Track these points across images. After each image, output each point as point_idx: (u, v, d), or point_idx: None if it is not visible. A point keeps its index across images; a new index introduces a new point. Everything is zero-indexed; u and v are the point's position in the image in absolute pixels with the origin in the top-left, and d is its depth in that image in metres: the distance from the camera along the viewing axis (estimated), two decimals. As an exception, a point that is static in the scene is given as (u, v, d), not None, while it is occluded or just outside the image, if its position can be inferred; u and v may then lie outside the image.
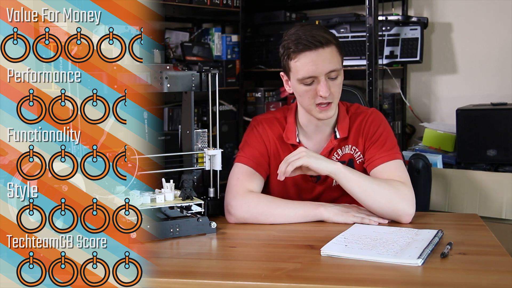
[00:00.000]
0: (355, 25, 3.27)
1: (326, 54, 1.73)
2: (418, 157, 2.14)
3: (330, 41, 1.74)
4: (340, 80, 1.78)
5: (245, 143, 1.88)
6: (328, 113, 1.78)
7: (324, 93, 1.73)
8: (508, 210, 2.67)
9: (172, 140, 2.57)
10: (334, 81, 1.76)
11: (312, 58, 1.72)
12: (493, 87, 3.25)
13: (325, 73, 1.73)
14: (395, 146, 1.83)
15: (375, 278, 1.32)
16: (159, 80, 1.60)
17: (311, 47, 1.72)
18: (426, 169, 2.07)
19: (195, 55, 3.36)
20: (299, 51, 1.73)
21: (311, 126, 1.86)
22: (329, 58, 1.73)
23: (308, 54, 1.73)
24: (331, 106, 1.77)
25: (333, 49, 1.75)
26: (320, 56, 1.72)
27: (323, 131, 1.87)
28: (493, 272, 1.33)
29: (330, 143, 1.85)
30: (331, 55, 1.74)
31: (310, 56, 1.73)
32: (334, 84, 1.76)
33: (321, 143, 1.87)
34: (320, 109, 1.77)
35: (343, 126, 1.86)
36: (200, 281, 1.32)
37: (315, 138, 1.87)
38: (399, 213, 1.68)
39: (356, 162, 1.86)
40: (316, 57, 1.72)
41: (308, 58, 1.73)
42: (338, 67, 1.75)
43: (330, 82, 1.75)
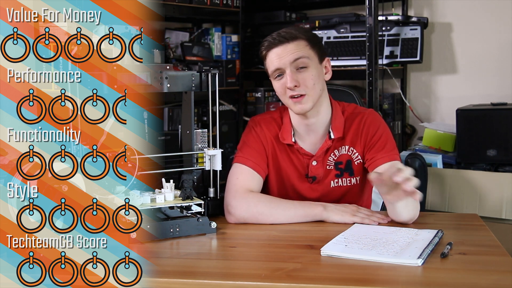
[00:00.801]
0: (355, 25, 3.27)
1: (291, 46, 1.78)
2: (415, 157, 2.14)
3: (297, 36, 1.79)
4: (313, 73, 1.78)
5: (244, 144, 1.88)
6: (302, 105, 1.78)
7: (289, 83, 1.76)
8: (508, 210, 2.67)
9: (172, 140, 2.57)
10: (303, 73, 1.77)
11: (277, 52, 1.78)
12: (493, 87, 3.25)
13: (289, 63, 1.76)
14: (394, 147, 1.84)
15: (375, 278, 1.32)
16: (159, 80, 1.60)
17: (276, 43, 1.78)
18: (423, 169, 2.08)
19: (195, 55, 3.36)
20: (267, 48, 1.81)
21: (302, 127, 1.87)
22: (293, 49, 1.77)
23: (274, 50, 1.79)
24: (305, 98, 1.78)
25: (301, 42, 1.78)
26: (285, 49, 1.78)
27: (316, 131, 1.87)
28: (493, 272, 1.33)
29: (325, 144, 1.85)
30: (296, 47, 1.78)
31: (276, 51, 1.78)
32: (304, 76, 1.77)
33: (316, 144, 1.87)
34: (294, 101, 1.78)
35: (337, 126, 1.86)
36: (200, 281, 1.32)
37: (309, 138, 1.88)
38: (413, 218, 1.70)
39: (354, 163, 1.86)
40: (280, 51, 1.78)
41: (274, 53, 1.79)
42: (304, 55, 1.77)
43: (298, 74, 1.77)
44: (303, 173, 1.87)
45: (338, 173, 1.86)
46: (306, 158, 1.87)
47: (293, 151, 1.88)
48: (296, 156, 1.87)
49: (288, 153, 1.88)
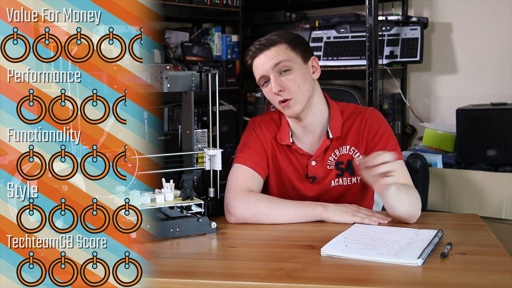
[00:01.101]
0: (355, 25, 3.27)
1: (271, 52, 1.79)
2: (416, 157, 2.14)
3: (276, 41, 1.80)
4: (296, 75, 1.78)
5: (243, 145, 1.89)
6: (291, 109, 1.79)
7: (274, 88, 1.77)
8: (508, 210, 2.67)
9: (172, 140, 2.57)
10: (287, 77, 1.78)
11: (260, 60, 1.80)
12: (493, 87, 3.25)
13: (271, 68, 1.77)
14: (397, 146, 1.84)
15: (375, 278, 1.32)
16: (159, 80, 1.60)
17: (258, 52, 1.80)
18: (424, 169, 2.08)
19: (195, 55, 3.36)
20: (251, 59, 1.83)
21: (299, 128, 1.87)
22: (273, 55, 1.78)
23: (257, 58, 1.81)
24: (291, 102, 1.78)
25: (281, 46, 1.79)
26: (266, 55, 1.79)
27: (313, 132, 1.87)
28: (493, 272, 1.33)
29: (324, 143, 1.85)
30: (276, 52, 1.78)
31: (259, 59, 1.80)
32: (288, 79, 1.77)
33: (314, 144, 1.87)
34: (283, 106, 1.79)
35: (335, 125, 1.85)
36: (200, 281, 1.32)
37: (307, 139, 1.88)
38: (414, 217, 1.70)
39: (355, 162, 1.86)
40: (263, 58, 1.80)
41: (258, 61, 1.81)
42: (284, 59, 1.77)
43: (282, 77, 1.78)
44: (302, 173, 1.87)
45: (339, 172, 1.87)
46: (305, 158, 1.87)
47: (292, 152, 1.88)
48: (295, 157, 1.87)
49: (287, 153, 1.88)
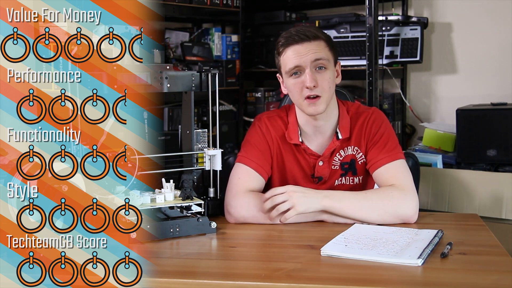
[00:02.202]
0: (355, 25, 3.27)
1: (312, 46, 1.76)
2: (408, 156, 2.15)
3: (318, 36, 1.78)
4: (330, 75, 1.78)
5: (247, 142, 1.88)
6: (316, 107, 1.77)
7: (309, 82, 1.74)
8: (508, 210, 2.67)
9: (172, 140, 2.57)
10: (322, 74, 1.77)
11: (298, 50, 1.76)
12: (493, 87, 3.25)
13: (310, 62, 1.75)
14: (396, 146, 1.83)
15: (375, 278, 1.32)
16: (159, 80, 1.60)
17: (297, 40, 1.77)
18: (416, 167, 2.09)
19: (195, 55, 3.36)
20: (286, 44, 1.78)
21: (310, 127, 1.86)
22: (314, 49, 1.76)
23: (294, 47, 1.77)
24: (320, 100, 1.77)
25: (321, 43, 1.78)
26: (306, 48, 1.76)
27: (324, 132, 1.86)
28: (493, 272, 1.33)
29: (332, 144, 1.85)
30: (317, 47, 1.77)
31: (296, 49, 1.77)
32: (322, 77, 1.76)
33: (322, 144, 1.87)
34: (309, 102, 1.77)
35: (344, 127, 1.85)
36: (200, 281, 1.32)
37: (316, 139, 1.87)
38: (402, 218, 1.69)
39: (358, 162, 1.86)
40: (301, 49, 1.76)
41: (294, 50, 1.77)
42: (324, 57, 1.77)
43: (317, 74, 1.76)
44: (309, 173, 1.87)
45: (343, 172, 1.87)
46: (313, 158, 1.86)
47: (300, 151, 1.87)
48: (303, 156, 1.87)
49: (294, 152, 1.87)
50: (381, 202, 1.68)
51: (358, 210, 1.68)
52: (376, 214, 1.67)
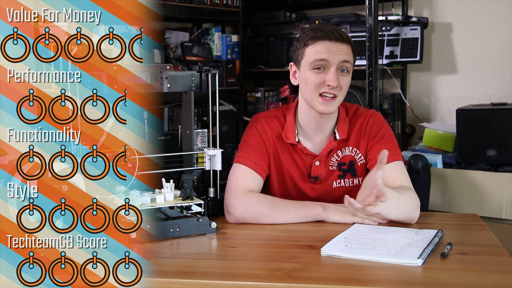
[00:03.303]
0: (355, 25, 3.27)
1: (342, 47, 1.77)
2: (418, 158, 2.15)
3: (349, 40, 1.80)
4: (349, 79, 1.80)
5: (244, 143, 1.88)
6: (329, 107, 1.78)
7: (334, 81, 1.75)
8: (508, 210, 2.66)
9: (172, 140, 2.57)
10: (344, 77, 1.78)
11: (329, 46, 1.77)
12: (493, 87, 3.25)
13: (338, 62, 1.76)
14: (397, 148, 1.84)
15: (375, 278, 1.32)
16: (159, 80, 1.60)
17: (331, 36, 1.77)
18: (426, 170, 2.08)
19: (195, 55, 3.36)
20: (318, 37, 1.77)
21: (312, 125, 1.86)
22: (345, 51, 1.77)
23: (326, 42, 1.77)
24: (334, 101, 1.78)
25: (349, 48, 1.80)
26: (337, 47, 1.77)
27: (323, 131, 1.86)
28: (493, 272, 1.33)
29: (330, 144, 1.85)
30: (347, 50, 1.78)
31: (327, 45, 1.77)
32: (344, 80, 1.78)
33: (320, 144, 1.87)
34: (323, 100, 1.77)
35: (343, 127, 1.86)
36: (200, 281, 1.32)
37: (315, 138, 1.87)
38: (411, 219, 1.71)
39: (357, 164, 1.86)
40: (333, 47, 1.77)
41: (325, 45, 1.77)
42: (351, 61, 1.79)
43: (340, 76, 1.77)
44: (305, 173, 1.87)
45: (341, 173, 1.87)
46: (309, 158, 1.87)
47: (296, 151, 1.87)
48: (299, 156, 1.87)
49: (291, 152, 1.88)
50: (408, 205, 1.70)
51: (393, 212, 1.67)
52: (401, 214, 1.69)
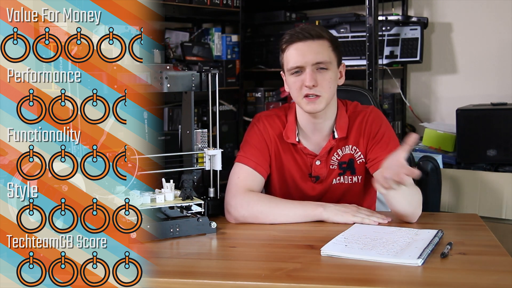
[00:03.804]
0: (355, 25, 3.27)
1: (314, 45, 1.77)
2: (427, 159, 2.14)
3: (322, 35, 1.78)
4: (332, 75, 1.78)
5: (246, 142, 1.88)
6: (315, 106, 1.77)
7: (308, 82, 1.75)
8: (508, 210, 2.67)
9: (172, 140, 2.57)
10: (323, 74, 1.77)
11: (301, 48, 1.77)
12: (493, 87, 3.25)
13: (311, 64, 1.75)
14: (398, 145, 1.81)
15: (375, 278, 1.32)
16: (159, 80, 1.60)
17: (301, 38, 1.77)
18: (435, 171, 2.09)
19: (195, 55, 3.36)
20: (290, 42, 1.79)
21: (309, 126, 1.86)
22: (317, 49, 1.76)
23: (298, 44, 1.77)
24: (319, 99, 1.77)
25: (325, 43, 1.78)
26: (309, 47, 1.76)
27: (322, 131, 1.86)
28: (493, 272, 1.33)
29: (329, 143, 1.85)
30: (320, 48, 1.77)
31: (299, 47, 1.77)
32: (323, 78, 1.77)
33: (320, 143, 1.87)
34: (308, 100, 1.77)
35: (341, 126, 1.85)
36: (200, 281, 1.32)
37: (314, 138, 1.87)
38: (415, 216, 1.71)
39: (356, 162, 1.86)
40: (304, 47, 1.77)
41: (297, 48, 1.77)
42: (326, 59, 1.77)
43: (318, 74, 1.76)
44: (306, 172, 1.87)
45: (341, 172, 1.87)
46: (310, 157, 1.87)
47: (297, 151, 1.87)
48: (300, 156, 1.87)
49: (291, 152, 1.88)
50: (416, 199, 1.71)
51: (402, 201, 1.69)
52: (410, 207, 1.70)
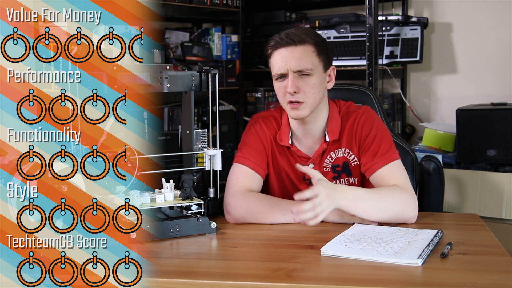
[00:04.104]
0: (355, 25, 3.27)
1: (297, 51, 1.74)
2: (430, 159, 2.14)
3: (305, 40, 1.75)
4: (315, 81, 1.75)
5: (243, 143, 1.88)
6: (298, 112, 1.76)
7: (289, 88, 1.73)
8: (508, 210, 2.67)
9: (172, 140, 2.57)
10: (305, 80, 1.75)
11: (283, 54, 1.75)
12: (493, 87, 3.25)
13: (292, 70, 1.74)
14: (390, 147, 1.80)
15: (375, 278, 1.32)
16: (159, 80, 1.60)
17: (284, 44, 1.75)
18: (438, 171, 2.08)
19: (195, 55, 3.36)
20: (274, 48, 1.78)
21: (300, 130, 1.85)
22: (299, 56, 1.74)
23: (280, 50, 1.76)
24: (302, 105, 1.75)
25: (308, 48, 1.75)
26: (291, 53, 1.75)
27: (313, 134, 1.85)
28: (493, 272, 1.33)
29: (321, 147, 1.84)
30: (303, 54, 1.74)
31: (282, 53, 1.76)
32: (306, 83, 1.75)
33: (312, 146, 1.87)
34: (291, 106, 1.77)
35: (333, 129, 1.84)
36: (200, 281, 1.32)
37: (306, 141, 1.87)
38: (405, 219, 1.69)
39: (351, 164, 1.85)
40: (286, 54, 1.75)
41: (280, 54, 1.76)
42: (308, 67, 1.74)
43: (300, 80, 1.75)
44: (300, 175, 1.87)
45: (335, 175, 1.86)
46: (303, 160, 1.86)
47: (291, 153, 1.87)
48: (294, 158, 1.87)
49: (286, 154, 1.88)
50: (393, 204, 1.67)
51: (369, 211, 1.66)
52: (385, 214, 1.67)
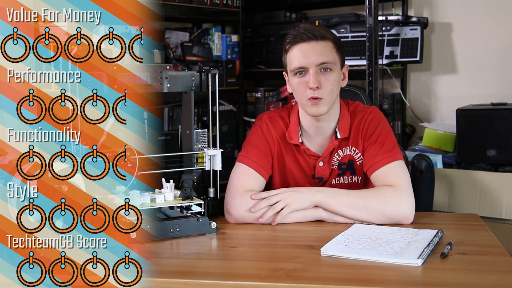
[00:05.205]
0: (355, 25, 3.27)
1: (318, 46, 1.76)
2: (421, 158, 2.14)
3: (326, 36, 1.77)
4: (335, 77, 1.77)
5: (248, 142, 1.88)
6: (318, 108, 1.77)
7: (312, 83, 1.74)
8: (508, 210, 2.67)
9: (172, 140, 2.57)
10: (326, 76, 1.76)
11: (304, 49, 1.76)
12: (493, 87, 3.25)
13: (315, 65, 1.75)
14: (394, 146, 1.81)
15: (375, 278, 1.32)
16: (159, 80, 1.60)
17: (305, 39, 1.76)
18: (429, 170, 2.08)
19: (195, 55, 3.36)
20: (293, 43, 1.78)
21: (312, 128, 1.85)
22: (320, 50, 1.75)
23: (301, 45, 1.76)
24: (321, 101, 1.76)
25: (328, 44, 1.77)
26: (312, 47, 1.75)
27: (324, 132, 1.86)
28: (493, 272, 1.33)
29: (331, 144, 1.85)
30: (324, 49, 1.76)
31: (303, 47, 1.76)
32: (327, 79, 1.76)
33: (323, 144, 1.87)
34: (312, 103, 1.77)
35: (344, 126, 1.85)
36: (200, 281, 1.32)
37: (317, 139, 1.87)
38: (396, 218, 1.68)
39: (356, 163, 1.86)
40: (308, 48, 1.76)
41: (301, 49, 1.76)
42: (330, 60, 1.76)
43: (322, 76, 1.75)
44: (309, 174, 1.87)
45: (340, 172, 1.86)
46: (313, 159, 1.86)
47: (300, 152, 1.87)
48: (303, 157, 1.87)
49: (294, 153, 1.87)
50: (375, 202, 1.67)
51: (351, 207, 1.68)
52: (369, 213, 1.67)
